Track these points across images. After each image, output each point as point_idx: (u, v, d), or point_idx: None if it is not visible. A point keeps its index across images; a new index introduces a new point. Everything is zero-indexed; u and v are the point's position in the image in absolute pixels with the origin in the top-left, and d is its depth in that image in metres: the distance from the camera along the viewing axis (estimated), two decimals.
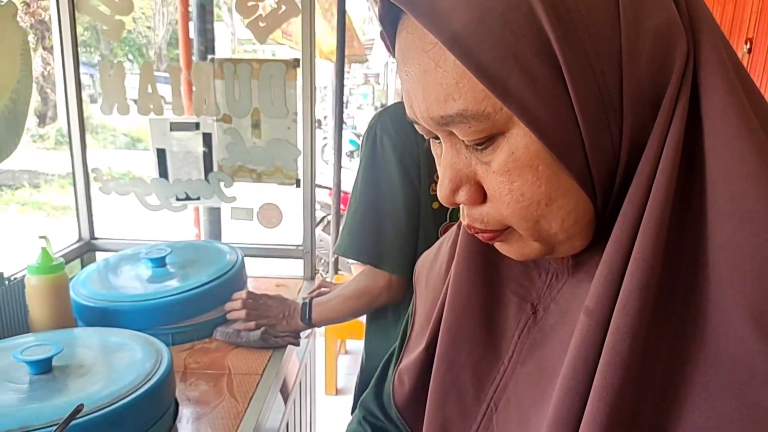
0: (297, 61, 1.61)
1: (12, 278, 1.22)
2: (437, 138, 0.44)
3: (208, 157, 1.71)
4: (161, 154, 1.71)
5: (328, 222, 4.14)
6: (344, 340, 3.37)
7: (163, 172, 1.72)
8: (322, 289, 1.41)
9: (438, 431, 0.52)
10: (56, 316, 1.18)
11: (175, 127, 1.69)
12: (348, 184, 3.44)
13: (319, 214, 4.58)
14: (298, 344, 1.27)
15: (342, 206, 3.29)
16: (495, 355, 0.50)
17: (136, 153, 8.98)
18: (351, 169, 5.28)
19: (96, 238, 1.78)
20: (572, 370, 0.38)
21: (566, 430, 0.37)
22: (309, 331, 1.51)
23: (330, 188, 3.79)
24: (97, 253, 1.78)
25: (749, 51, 2.81)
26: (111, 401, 0.83)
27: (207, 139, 1.69)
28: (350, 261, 3.40)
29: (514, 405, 0.47)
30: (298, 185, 1.69)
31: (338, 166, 3.08)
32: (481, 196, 0.42)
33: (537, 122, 0.36)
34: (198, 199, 1.73)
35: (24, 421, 0.78)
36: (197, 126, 1.68)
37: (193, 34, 2.70)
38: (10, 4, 1.37)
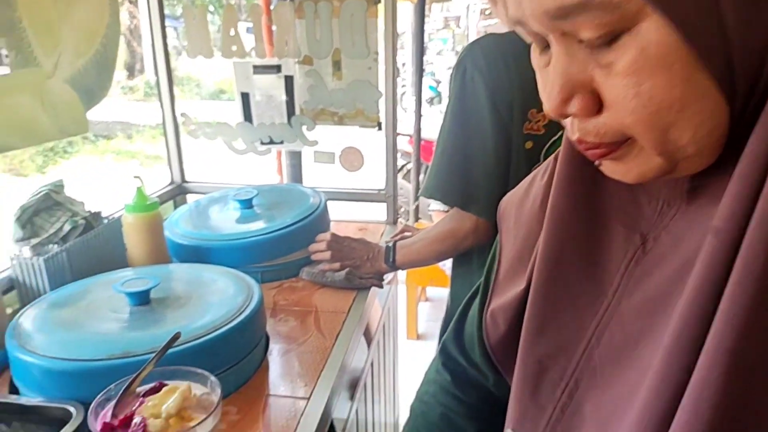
0: None
1: (110, 217, 1.28)
2: (545, 47, 0.39)
3: (290, 101, 1.70)
4: (245, 98, 1.73)
5: (408, 170, 4.10)
6: (425, 287, 3.38)
7: (248, 117, 1.74)
8: (405, 233, 1.40)
9: (534, 367, 0.49)
10: (152, 253, 1.23)
11: (257, 70, 1.69)
12: (428, 132, 3.38)
13: (398, 162, 4.55)
14: (381, 286, 1.26)
15: (422, 153, 3.24)
16: (598, 289, 0.46)
17: (220, 103, 9.23)
18: (430, 117, 5.17)
19: (187, 182, 1.84)
20: (696, 293, 0.34)
21: (686, 358, 0.34)
22: (391, 276, 1.51)
23: (410, 135, 3.75)
24: (188, 196, 1.84)
25: None
26: (206, 332, 0.86)
27: (289, 82, 1.68)
28: (431, 209, 3.38)
29: (619, 338, 0.44)
30: (380, 128, 1.65)
31: (418, 113, 3.03)
32: (596, 105, 0.37)
33: (675, 11, 0.31)
34: (281, 143, 1.74)
35: (126, 348, 0.82)
36: (279, 69, 1.68)
37: None
38: None
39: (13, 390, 0.88)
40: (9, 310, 1.03)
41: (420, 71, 3.03)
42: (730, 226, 0.33)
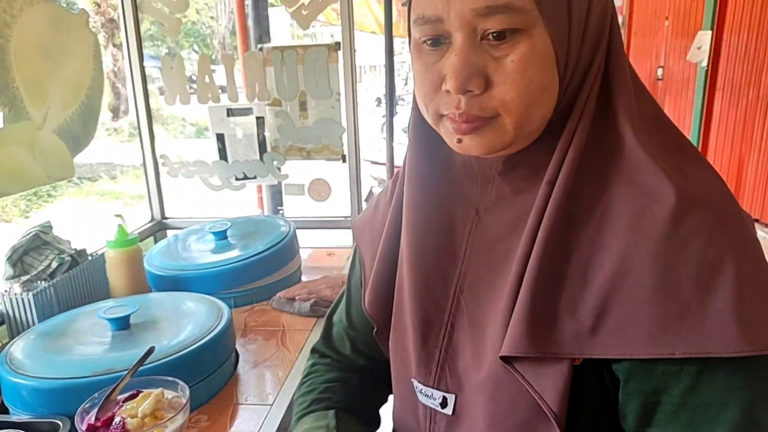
0: (338, 44, 1.70)
1: (94, 253, 1.39)
2: (436, 45, 0.53)
3: (262, 138, 1.84)
4: (220, 138, 1.86)
5: None
6: None
7: (223, 155, 1.87)
8: None
9: (421, 321, 0.63)
10: (132, 284, 1.35)
11: (231, 113, 1.83)
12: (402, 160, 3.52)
13: (377, 191, 4.71)
14: None
15: None
16: (453, 254, 0.62)
17: (204, 141, 9.36)
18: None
19: (166, 218, 1.96)
20: (531, 228, 0.54)
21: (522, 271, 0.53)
22: None
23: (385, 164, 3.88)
24: (169, 231, 1.96)
25: None
26: (178, 349, 0.98)
27: (260, 122, 1.83)
28: None
29: (476, 284, 0.60)
30: (344, 160, 1.79)
31: (390, 142, 3.18)
32: (485, 84, 0.51)
33: (553, 29, 0.50)
34: (255, 178, 1.87)
35: (108, 366, 0.93)
36: (251, 111, 1.82)
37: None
38: (82, 12, 1.53)
39: (4, 411, 0.98)
40: None
41: (391, 102, 3.18)
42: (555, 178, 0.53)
